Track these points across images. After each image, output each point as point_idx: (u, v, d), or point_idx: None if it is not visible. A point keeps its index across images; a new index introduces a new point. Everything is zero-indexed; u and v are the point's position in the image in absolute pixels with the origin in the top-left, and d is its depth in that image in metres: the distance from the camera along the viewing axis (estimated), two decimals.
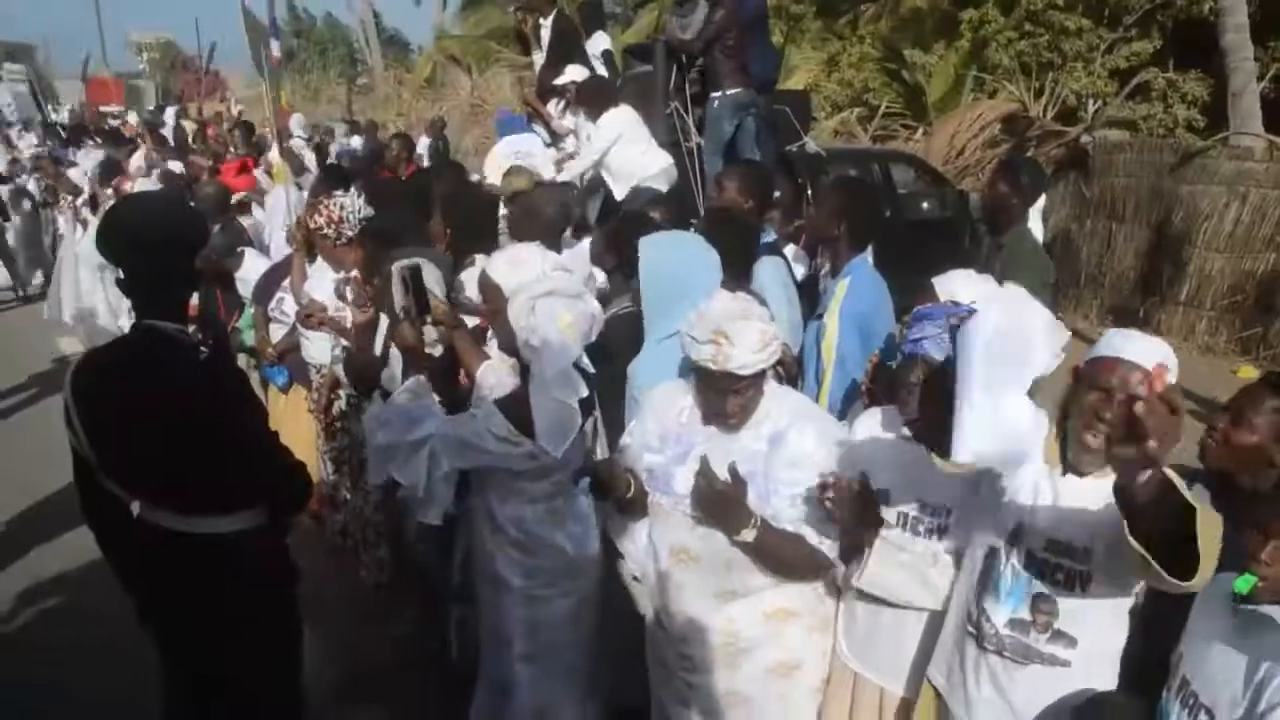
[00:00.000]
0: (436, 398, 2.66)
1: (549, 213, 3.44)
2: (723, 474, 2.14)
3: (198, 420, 2.20)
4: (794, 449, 2.19)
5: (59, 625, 4.21)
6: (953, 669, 2.15)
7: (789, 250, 4.32)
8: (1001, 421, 1.75)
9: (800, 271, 4.20)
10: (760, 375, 2.18)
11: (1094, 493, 1.92)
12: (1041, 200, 8.45)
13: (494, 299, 2.73)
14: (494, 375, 2.66)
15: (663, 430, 2.35)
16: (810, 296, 3.63)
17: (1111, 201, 9.35)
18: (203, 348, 2.33)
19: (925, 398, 2.18)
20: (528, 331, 2.47)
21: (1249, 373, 7.76)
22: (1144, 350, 1.89)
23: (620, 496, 2.35)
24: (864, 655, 2.36)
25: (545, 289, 2.50)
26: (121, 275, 2.30)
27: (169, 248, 2.27)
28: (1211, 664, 1.74)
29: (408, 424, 2.52)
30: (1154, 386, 1.81)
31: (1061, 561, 1.96)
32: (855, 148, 12.59)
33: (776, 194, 4.50)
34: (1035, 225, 7.72)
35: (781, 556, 2.20)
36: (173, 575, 2.34)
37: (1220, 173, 8.37)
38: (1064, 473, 2.00)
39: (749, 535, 2.14)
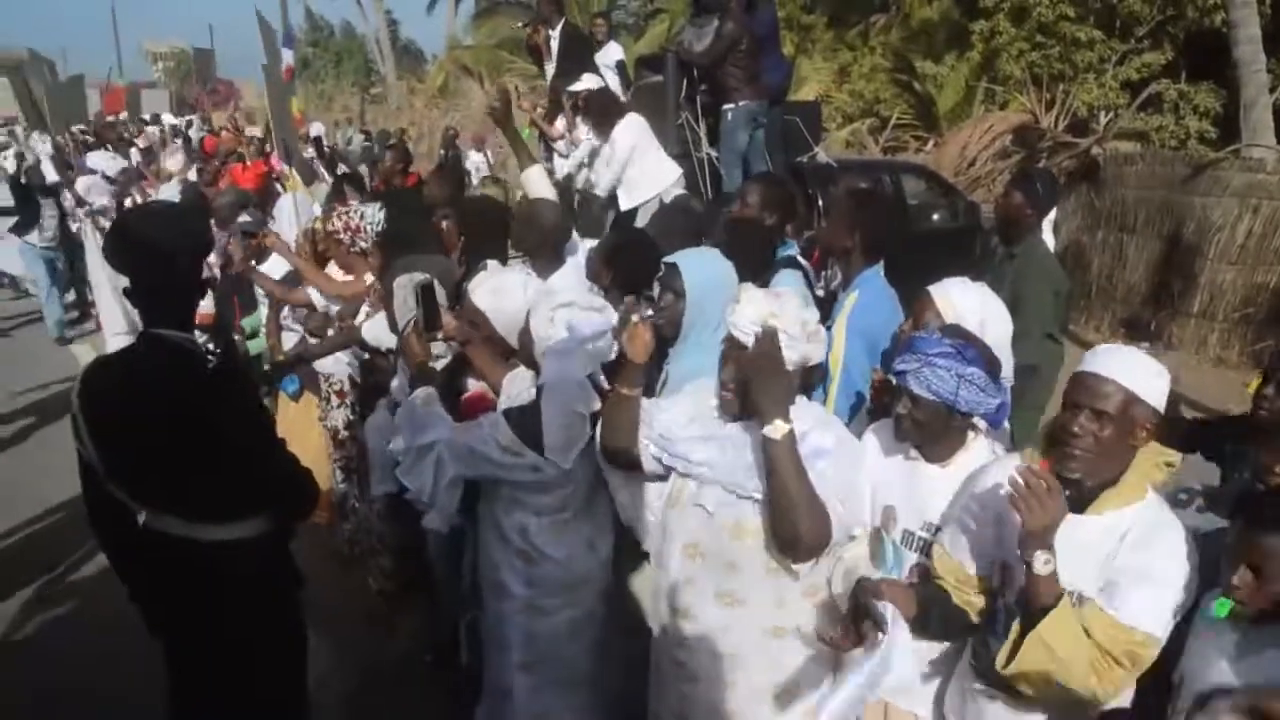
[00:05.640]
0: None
1: (548, 222, 3.44)
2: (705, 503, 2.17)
3: (203, 428, 2.21)
4: (816, 443, 2.14)
5: (76, 632, 4.24)
6: (960, 703, 2.15)
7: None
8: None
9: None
10: None
11: (1097, 529, 1.90)
12: (1053, 212, 8.45)
13: (480, 325, 2.77)
14: (521, 382, 2.68)
15: (695, 414, 2.34)
16: (828, 311, 3.64)
17: (1122, 213, 9.30)
18: (210, 356, 2.35)
19: (912, 427, 2.19)
20: (546, 341, 2.49)
21: None
22: (1123, 368, 1.88)
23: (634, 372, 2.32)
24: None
25: (566, 299, 2.52)
26: (129, 284, 2.32)
27: (175, 256, 2.29)
28: (1218, 682, 1.72)
29: (416, 429, 2.53)
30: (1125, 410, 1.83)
31: None
32: (866, 159, 12.62)
33: None
34: (1047, 236, 7.73)
35: (794, 482, 2.05)
36: (179, 582, 2.35)
37: (1232, 185, 8.31)
38: (1070, 510, 1.92)
39: (782, 427, 2.02)
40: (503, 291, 2.78)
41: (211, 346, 2.42)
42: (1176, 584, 1.80)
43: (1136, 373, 1.88)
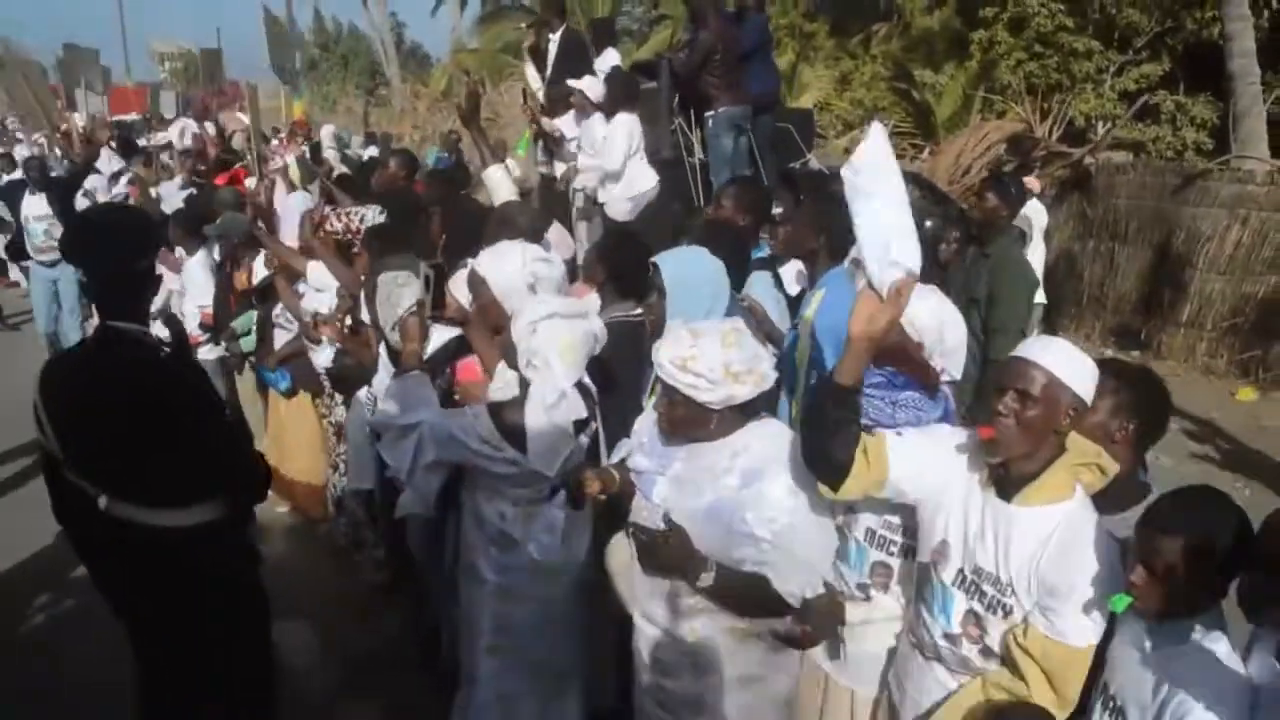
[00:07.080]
0: None
1: (522, 224, 3.53)
2: (658, 523, 2.21)
3: (160, 414, 2.31)
4: (765, 495, 2.16)
5: (79, 627, 4.28)
6: (901, 678, 2.23)
7: (793, 267, 4.34)
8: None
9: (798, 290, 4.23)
10: (687, 401, 2.15)
11: (1024, 522, 1.96)
12: (1045, 220, 8.53)
13: (481, 293, 2.83)
14: (509, 374, 2.74)
15: (653, 431, 2.40)
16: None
17: (1114, 222, 9.39)
18: (164, 347, 2.47)
19: None
20: (529, 354, 2.53)
21: (1248, 395, 7.77)
22: (1049, 355, 1.95)
23: (600, 500, 2.42)
24: (835, 656, 2.42)
25: (547, 311, 2.55)
26: (84, 277, 2.48)
27: (128, 253, 2.44)
28: (1127, 671, 1.80)
29: (404, 407, 2.60)
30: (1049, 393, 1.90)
31: (984, 587, 2.00)
32: None
33: (778, 210, 4.58)
34: (1039, 244, 7.80)
35: (741, 601, 2.22)
36: (139, 569, 2.42)
37: (1221, 196, 8.41)
38: (997, 495, 2.01)
39: (707, 580, 2.16)
40: (501, 257, 2.86)
41: (165, 337, 2.56)
42: (1098, 591, 1.86)
43: (1061, 359, 1.94)
